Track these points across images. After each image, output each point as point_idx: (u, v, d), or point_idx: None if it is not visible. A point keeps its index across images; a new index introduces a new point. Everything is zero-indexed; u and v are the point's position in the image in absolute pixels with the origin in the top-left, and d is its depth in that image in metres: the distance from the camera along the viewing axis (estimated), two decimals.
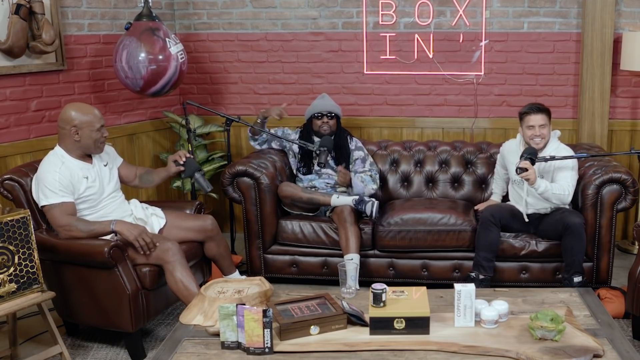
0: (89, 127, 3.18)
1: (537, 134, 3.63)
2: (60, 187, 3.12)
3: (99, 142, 3.24)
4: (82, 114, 3.18)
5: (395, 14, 4.66)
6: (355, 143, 4.27)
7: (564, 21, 4.50)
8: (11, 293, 2.82)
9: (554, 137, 3.74)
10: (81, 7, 4.35)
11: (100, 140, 3.24)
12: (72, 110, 3.19)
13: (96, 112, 3.23)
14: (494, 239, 3.67)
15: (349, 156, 4.20)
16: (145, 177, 3.60)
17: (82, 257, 3.09)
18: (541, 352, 2.35)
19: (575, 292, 2.97)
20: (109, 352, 3.30)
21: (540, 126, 3.62)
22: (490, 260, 3.67)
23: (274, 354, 2.43)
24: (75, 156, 3.23)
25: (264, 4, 4.83)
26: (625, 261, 4.29)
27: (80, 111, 3.19)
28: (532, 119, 3.62)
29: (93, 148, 3.25)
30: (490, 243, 3.66)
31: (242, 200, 4.01)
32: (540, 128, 3.62)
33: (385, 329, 2.52)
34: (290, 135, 4.29)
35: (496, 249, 3.69)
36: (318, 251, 3.99)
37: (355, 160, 4.20)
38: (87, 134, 3.18)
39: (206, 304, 2.75)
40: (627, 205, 3.70)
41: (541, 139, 3.64)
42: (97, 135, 3.21)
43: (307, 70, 4.88)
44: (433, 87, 4.75)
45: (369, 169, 4.19)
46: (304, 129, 4.29)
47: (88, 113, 3.19)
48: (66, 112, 3.19)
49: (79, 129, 3.17)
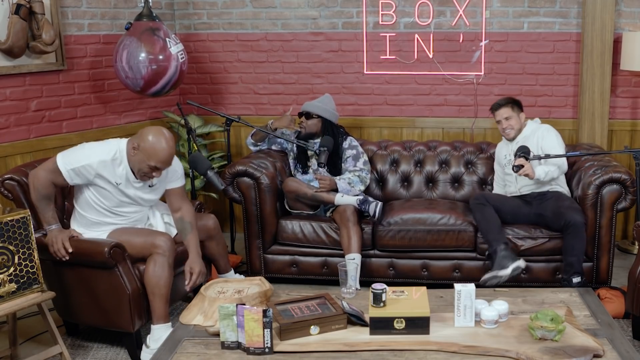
0: (145, 157, 3.00)
1: (504, 127, 3.93)
2: (77, 170, 3.01)
3: (143, 174, 3.06)
4: (151, 143, 2.98)
5: (395, 14, 4.66)
6: (350, 142, 4.21)
7: (564, 21, 4.50)
8: (11, 293, 2.82)
9: (532, 123, 3.97)
10: (81, 7, 4.35)
11: (146, 175, 3.06)
12: (151, 134, 3.01)
13: (165, 155, 3.00)
14: (489, 214, 3.69)
15: (341, 157, 4.15)
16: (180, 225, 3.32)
17: (82, 257, 3.09)
18: (541, 352, 2.36)
19: (575, 292, 2.97)
20: (109, 352, 3.30)
21: (506, 119, 3.91)
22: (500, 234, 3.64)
23: (274, 354, 2.43)
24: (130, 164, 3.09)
25: (264, 4, 4.83)
26: (625, 261, 4.29)
27: (154, 139, 2.99)
28: (497, 114, 3.96)
29: (135, 172, 3.09)
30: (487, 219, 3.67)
31: (242, 200, 4.01)
32: (505, 121, 3.91)
33: (385, 329, 2.52)
34: (289, 135, 4.28)
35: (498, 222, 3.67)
36: (318, 251, 3.99)
37: (347, 158, 4.17)
38: (139, 160, 3.02)
39: (206, 304, 2.75)
40: (627, 205, 3.70)
41: (510, 129, 3.91)
42: (146, 170, 3.03)
43: (307, 70, 4.88)
44: (433, 87, 4.75)
45: (360, 168, 4.12)
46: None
47: (156, 148, 2.98)
48: (149, 131, 3.03)
49: (138, 151, 3.01)
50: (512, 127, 3.90)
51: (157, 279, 3.08)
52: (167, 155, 3.02)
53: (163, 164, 3.03)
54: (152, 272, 3.09)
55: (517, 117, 3.92)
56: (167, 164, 3.05)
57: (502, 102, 3.95)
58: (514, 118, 3.91)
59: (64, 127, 4.32)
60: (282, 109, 4.95)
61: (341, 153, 4.17)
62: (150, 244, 3.13)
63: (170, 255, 3.12)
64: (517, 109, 3.94)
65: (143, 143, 3.00)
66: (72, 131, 4.36)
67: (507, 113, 3.90)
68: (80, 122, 4.41)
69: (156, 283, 3.08)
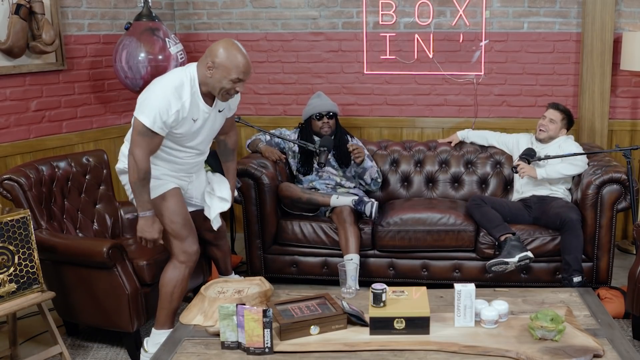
0: (224, 72, 2.79)
1: (542, 123, 4.02)
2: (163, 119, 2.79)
3: (225, 92, 2.87)
4: (227, 56, 2.78)
5: (395, 14, 4.65)
6: (357, 143, 4.27)
7: (564, 21, 4.50)
8: (11, 293, 2.82)
9: (564, 138, 4.02)
10: (81, 7, 4.35)
11: (229, 92, 2.87)
12: (222, 47, 2.80)
13: (244, 62, 2.80)
14: (487, 211, 3.74)
15: (350, 155, 4.18)
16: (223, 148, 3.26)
17: (81, 257, 3.09)
18: (541, 352, 2.36)
19: (575, 292, 2.97)
20: (109, 352, 3.30)
21: (550, 120, 3.99)
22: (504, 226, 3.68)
23: (274, 354, 2.44)
24: (203, 90, 2.88)
25: (264, 4, 4.83)
26: (625, 261, 4.29)
27: (228, 52, 2.79)
28: (548, 112, 4.05)
29: (216, 94, 2.88)
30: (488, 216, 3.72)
31: (242, 200, 4.00)
32: (549, 122, 4.00)
33: (385, 329, 2.52)
34: (289, 135, 4.28)
35: (499, 217, 3.72)
36: (318, 251, 3.99)
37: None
38: (218, 78, 2.81)
39: (206, 304, 2.75)
40: (627, 205, 3.70)
41: (545, 130, 3.99)
42: (228, 86, 2.83)
43: (307, 70, 4.88)
44: (433, 87, 4.75)
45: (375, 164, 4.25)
46: (303, 130, 4.26)
47: (234, 59, 2.78)
48: (217, 45, 2.82)
49: (215, 68, 2.80)
50: (548, 129, 3.98)
51: (173, 287, 3.03)
52: (247, 64, 2.82)
53: (245, 74, 2.83)
54: (170, 278, 3.04)
55: (558, 126, 3.99)
56: (248, 73, 2.85)
57: (562, 107, 4.03)
58: (556, 125, 3.99)
59: (64, 127, 4.32)
60: (282, 109, 4.96)
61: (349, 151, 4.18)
62: (180, 247, 3.03)
63: (193, 266, 3.09)
64: (566, 123, 4.02)
65: (218, 59, 2.78)
66: (72, 131, 4.36)
67: (556, 117, 3.99)
68: (80, 122, 4.41)
69: (170, 291, 3.03)
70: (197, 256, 3.10)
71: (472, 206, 3.83)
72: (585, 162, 3.88)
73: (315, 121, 4.17)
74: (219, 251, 3.53)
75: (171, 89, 2.81)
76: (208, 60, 2.81)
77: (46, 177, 3.41)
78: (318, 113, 4.16)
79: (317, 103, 4.21)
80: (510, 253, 3.54)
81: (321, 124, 4.16)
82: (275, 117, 4.95)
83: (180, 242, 3.03)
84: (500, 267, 3.55)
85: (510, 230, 3.67)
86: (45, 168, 3.43)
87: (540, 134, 4.01)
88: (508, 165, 4.23)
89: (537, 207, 3.83)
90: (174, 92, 2.81)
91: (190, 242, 3.04)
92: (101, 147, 4.22)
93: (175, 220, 3.01)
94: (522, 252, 3.55)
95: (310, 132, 4.22)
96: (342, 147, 4.17)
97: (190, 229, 3.07)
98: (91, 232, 3.58)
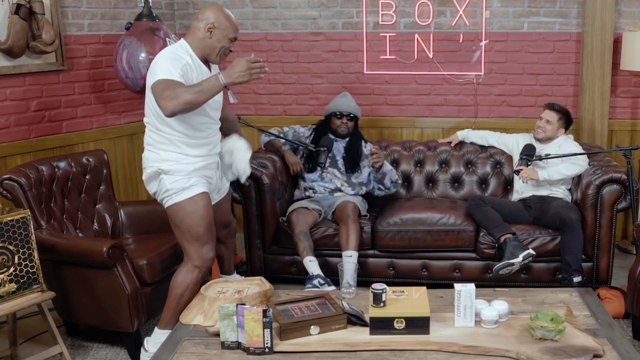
0: (225, 32, 2.93)
1: (540, 125, 4.03)
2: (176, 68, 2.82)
3: (223, 52, 2.98)
4: (225, 16, 2.94)
5: (395, 14, 4.65)
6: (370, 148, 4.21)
7: (564, 21, 4.50)
8: (11, 293, 2.82)
9: (564, 138, 4.04)
10: (81, 7, 4.35)
11: (225, 52, 2.99)
12: (216, 9, 2.94)
13: (236, 23, 3.00)
14: (487, 211, 3.76)
15: (360, 160, 4.15)
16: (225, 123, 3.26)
17: (81, 257, 3.09)
18: (541, 352, 2.36)
19: (575, 292, 2.97)
20: (109, 352, 3.30)
21: (547, 121, 4.01)
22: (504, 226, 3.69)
23: (274, 354, 2.43)
24: (198, 55, 2.96)
25: (264, 4, 4.83)
26: (625, 261, 4.29)
27: (224, 13, 2.95)
28: (545, 113, 4.06)
29: (214, 56, 2.97)
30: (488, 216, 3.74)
31: (242, 200, 4.00)
32: (545, 122, 4.01)
33: (385, 329, 2.52)
34: (303, 133, 4.26)
35: (499, 217, 3.74)
36: (318, 251, 3.98)
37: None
38: (218, 38, 2.92)
39: (206, 304, 2.75)
40: (627, 205, 3.70)
41: (542, 131, 4.01)
42: (227, 45, 2.96)
43: (307, 70, 4.88)
44: (433, 87, 4.75)
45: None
46: (319, 126, 4.25)
47: (231, 19, 2.96)
48: (209, 10, 2.94)
49: (215, 29, 2.91)
50: (545, 130, 4.00)
51: (184, 290, 3.00)
52: (236, 22, 3.00)
53: (238, 32, 3.00)
54: (182, 280, 3.01)
55: (555, 127, 4.01)
56: (238, 30, 3.02)
57: (557, 107, 4.04)
58: (553, 126, 4.00)
59: (64, 127, 4.32)
60: (282, 109, 4.96)
61: (361, 152, 4.18)
62: (198, 251, 3.00)
63: (206, 272, 3.07)
64: (563, 122, 4.03)
65: (216, 20, 2.91)
66: (72, 131, 4.36)
67: (552, 118, 4.00)
68: (80, 122, 4.41)
69: (181, 293, 3.00)
70: (212, 263, 3.09)
71: (472, 206, 3.84)
72: (586, 161, 3.88)
73: (335, 119, 4.16)
74: (226, 250, 3.53)
75: (172, 53, 2.91)
76: (204, 24, 2.92)
77: (46, 177, 3.41)
78: (340, 112, 4.15)
79: (342, 102, 4.20)
80: (513, 254, 3.57)
81: (339, 123, 4.15)
82: (275, 117, 4.95)
83: (200, 246, 3.01)
84: (507, 269, 3.58)
85: (511, 230, 3.67)
86: (45, 168, 3.43)
87: (538, 135, 4.03)
88: (508, 165, 4.24)
89: (537, 207, 3.83)
90: (175, 54, 2.90)
91: (208, 248, 3.04)
92: (101, 147, 4.23)
93: (200, 224, 2.99)
94: (524, 250, 3.58)
95: (327, 128, 4.20)
96: (354, 152, 4.15)
97: (211, 236, 3.06)
98: (91, 232, 3.58)
